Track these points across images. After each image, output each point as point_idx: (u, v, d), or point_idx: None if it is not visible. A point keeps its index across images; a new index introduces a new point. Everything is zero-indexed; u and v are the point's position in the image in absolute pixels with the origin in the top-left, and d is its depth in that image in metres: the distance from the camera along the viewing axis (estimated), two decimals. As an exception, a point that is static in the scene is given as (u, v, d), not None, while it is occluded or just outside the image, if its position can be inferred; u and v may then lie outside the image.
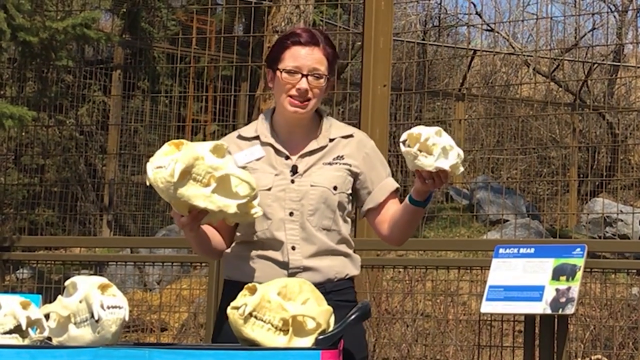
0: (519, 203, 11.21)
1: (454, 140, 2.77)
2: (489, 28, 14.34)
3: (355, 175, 2.99)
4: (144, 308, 7.45)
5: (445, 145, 2.72)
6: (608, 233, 10.37)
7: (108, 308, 2.39)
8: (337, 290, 2.89)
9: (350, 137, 3.01)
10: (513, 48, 13.75)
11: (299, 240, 2.89)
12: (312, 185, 2.91)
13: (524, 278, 4.10)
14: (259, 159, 2.94)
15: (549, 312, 4.00)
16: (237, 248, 2.97)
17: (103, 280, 2.45)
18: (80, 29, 7.68)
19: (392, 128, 8.42)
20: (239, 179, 2.64)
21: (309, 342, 2.41)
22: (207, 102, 11.90)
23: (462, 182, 11.17)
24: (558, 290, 4.00)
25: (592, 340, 6.42)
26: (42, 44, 7.63)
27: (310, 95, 2.91)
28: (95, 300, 2.38)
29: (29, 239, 7.44)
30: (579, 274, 4.02)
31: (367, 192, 3.01)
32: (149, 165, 2.62)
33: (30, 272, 7.88)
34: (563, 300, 3.98)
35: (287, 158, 2.95)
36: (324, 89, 2.95)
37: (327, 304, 2.48)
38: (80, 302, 2.40)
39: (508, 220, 9.82)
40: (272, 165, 2.94)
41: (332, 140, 2.98)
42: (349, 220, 3.01)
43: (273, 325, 2.41)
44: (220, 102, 11.42)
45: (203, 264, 6.56)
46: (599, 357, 6.24)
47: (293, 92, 2.90)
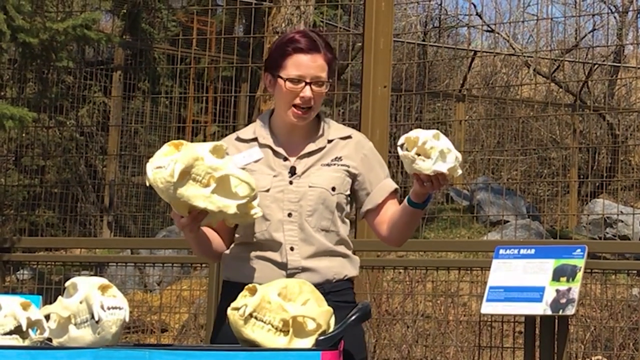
0: (519, 204, 11.21)
1: (454, 142, 2.79)
2: (490, 29, 14.33)
3: (354, 177, 2.99)
4: (144, 309, 7.44)
5: (443, 148, 2.73)
6: (608, 234, 10.37)
7: (108, 309, 2.39)
8: (335, 291, 2.89)
9: (349, 138, 3.02)
10: (513, 49, 13.74)
11: (298, 241, 2.89)
12: (310, 187, 2.91)
13: (525, 279, 4.10)
14: (257, 161, 2.94)
15: (550, 313, 4.00)
16: (236, 249, 2.97)
17: (103, 281, 2.45)
18: (81, 30, 7.67)
19: (392, 129, 8.41)
20: (239, 180, 2.64)
21: (309, 342, 2.41)
22: (207, 103, 11.89)
23: (462, 183, 11.16)
24: (558, 291, 4.00)
25: (592, 341, 6.42)
26: (42, 45, 7.62)
27: (313, 103, 2.92)
28: (96, 301, 2.38)
29: (30, 240, 7.45)
30: (580, 275, 4.02)
31: (365, 193, 3.01)
32: (149, 166, 2.62)
33: (31, 273, 7.88)
34: (563, 301, 3.98)
35: (285, 159, 2.95)
36: (325, 94, 2.96)
37: (327, 305, 2.49)
38: (81, 303, 2.40)
39: (508, 221, 9.81)
40: (270, 167, 2.94)
41: (330, 142, 2.99)
42: (348, 222, 3.01)
43: (273, 326, 2.41)
44: (221, 103, 11.41)
45: (203, 265, 6.56)
46: (600, 358, 6.24)
47: (297, 101, 2.90)
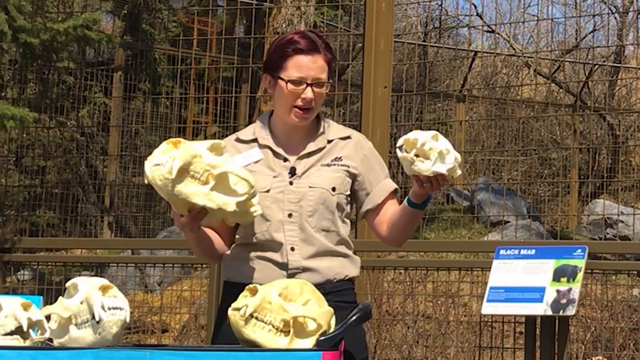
0: (520, 204, 11.20)
1: (455, 142, 2.79)
2: (490, 29, 14.33)
3: (354, 177, 2.99)
4: (145, 309, 7.44)
5: (442, 150, 2.73)
6: (609, 234, 10.36)
7: (109, 309, 2.39)
8: (336, 291, 2.89)
9: (348, 138, 3.02)
10: (514, 49, 13.74)
11: (298, 242, 2.89)
12: (310, 187, 2.91)
13: (525, 279, 4.10)
14: (257, 162, 2.95)
15: (550, 313, 3.99)
16: (236, 250, 2.97)
17: (104, 282, 2.45)
18: (82, 31, 7.68)
19: (392, 129, 8.40)
20: (238, 177, 2.64)
21: (310, 343, 2.41)
22: (208, 103, 11.89)
23: (463, 183, 11.15)
24: (559, 292, 4.00)
25: (592, 342, 6.42)
26: (43, 46, 7.63)
27: (314, 104, 2.92)
28: (96, 302, 2.38)
29: (30, 241, 7.45)
30: (580, 275, 4.02)
31: (365, 193, 3.01)
32: (147, 163, 2.62)
33: (31, 273, 7.89)
34: (564, 302, 3.97)
35: (285, 160, 2.95)
36: (325, 94, 2.97)
37: (327, 305, 2.49)
38: (81, 303, 2.40)
39: (509, 222, 9.81)
40: (270, 168, 2.94)
41: (330, 142, 2.99)
42: (348, 222, 3.01)
43: (274, 327, 2.41)
44: (221, 103, 11.40)
45: (204, 266, 6.57)
46: (600, 358, 6.24)
47: (299, 102, 2.91)
